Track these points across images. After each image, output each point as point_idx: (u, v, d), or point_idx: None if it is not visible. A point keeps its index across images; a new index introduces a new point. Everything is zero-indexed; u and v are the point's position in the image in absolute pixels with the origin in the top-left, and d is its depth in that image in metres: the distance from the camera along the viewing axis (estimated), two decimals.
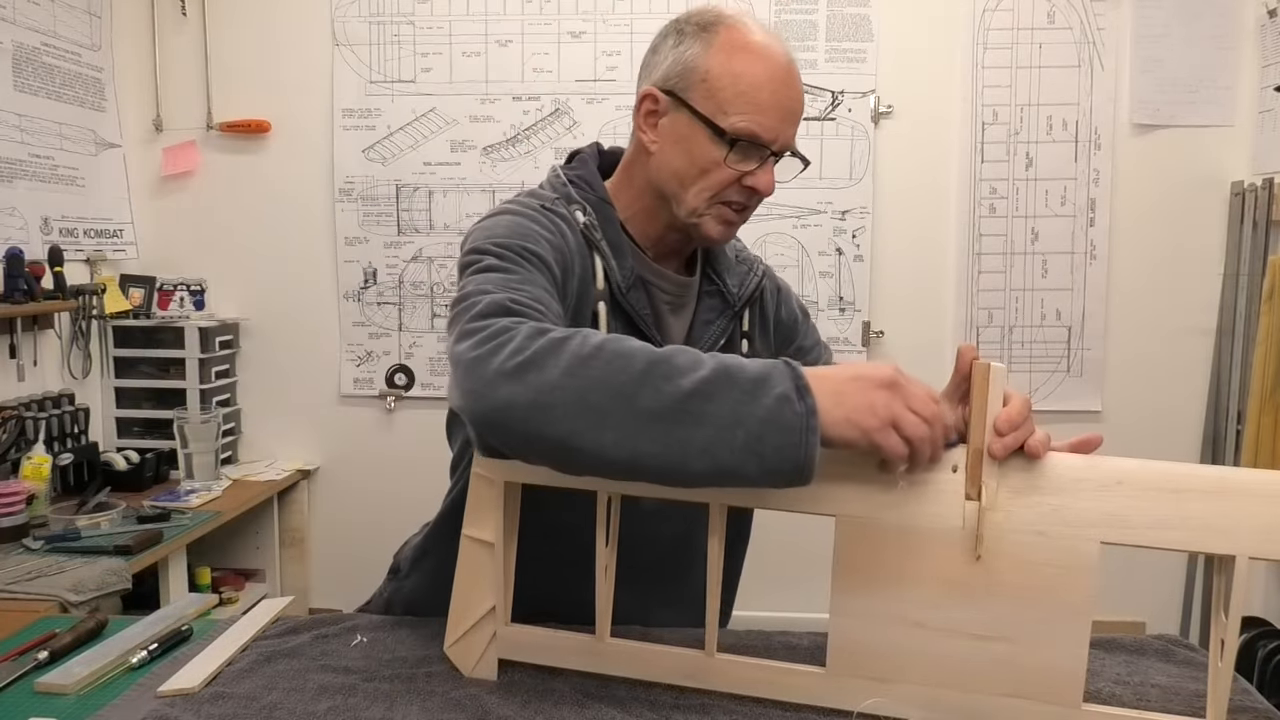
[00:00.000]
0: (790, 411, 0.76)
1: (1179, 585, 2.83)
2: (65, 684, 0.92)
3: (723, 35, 1.03)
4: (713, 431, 0.77)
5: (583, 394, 0.78)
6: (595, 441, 0.78)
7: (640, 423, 0.77)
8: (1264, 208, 2.57)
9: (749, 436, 0.76)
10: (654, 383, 0.78)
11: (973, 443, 0.82)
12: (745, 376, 0.78)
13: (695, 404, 0.77)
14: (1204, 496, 0.78)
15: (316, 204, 2.85)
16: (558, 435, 0.79)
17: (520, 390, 0.79)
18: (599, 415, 0.78)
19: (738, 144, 1.01)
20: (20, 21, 2.36)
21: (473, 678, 0.93)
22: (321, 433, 2.92)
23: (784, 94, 1.03)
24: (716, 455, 0.77)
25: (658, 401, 0.78)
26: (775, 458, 0.76)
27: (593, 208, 1.08)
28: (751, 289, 1.18)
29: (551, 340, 0.81)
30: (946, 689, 0.82)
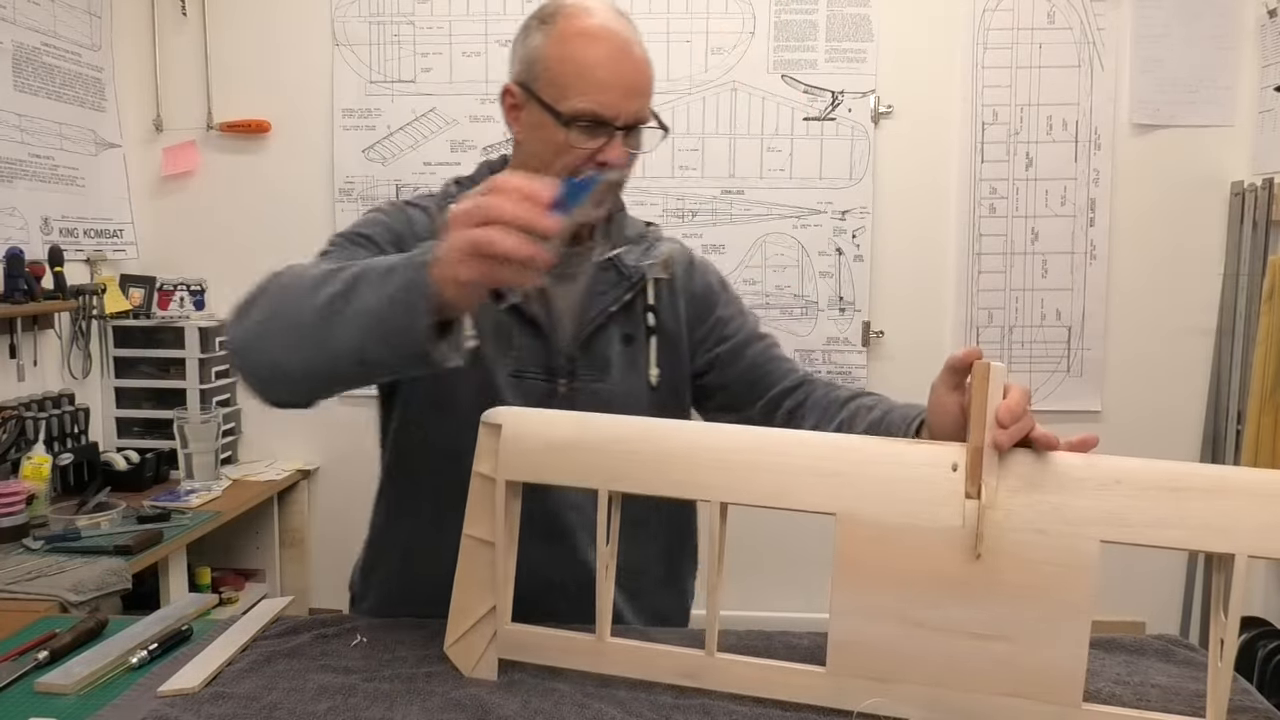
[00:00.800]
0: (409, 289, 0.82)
1: (1179, 585, 2.83)
2: (65, 684, 0.92)
3: (559, 25, 1.09)
4: (352, 325, 0.85)
5: (272, 321, 0.91)
6: (288, 361, 0.91)
7: (306, 335, 0.88)
8: (1264, 208, 2.57)
9: (376, 322, 0.84)
10: (311, 298, 0.88)
11: (972, 441, 0.82)
12: (376, 270, 0.86)
13: (338, 305, 0.86)
14: (1203, 495, 0.78)
15: (316, 204, 2.85)
16: (267, 361, 0.93)
17: (240, 329, 0.95)
18: (284, 338, 0.90)
19: (575, 124, 1.06)
20: (20, 21, 2.36)
21: (473, 678, 0.93)
22: (321, 433, 2.92)
23: (619, 70, 1.07)
24: (362, 347, 0.85)
25: (313, 313, 0.88)
26: (397, 338, 0.83)
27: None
28: (649, 263, 1.20)
29: (268, 280, 0.95)
30: (946, 688, 0.82)
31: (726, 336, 1.24)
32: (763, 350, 1.24)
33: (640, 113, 1.10)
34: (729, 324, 1.25)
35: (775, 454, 0.86)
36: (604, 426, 0.90)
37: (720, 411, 1.25)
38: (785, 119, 2.79)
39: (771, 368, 1.22)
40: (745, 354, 1.23)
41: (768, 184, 2.81)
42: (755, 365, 1.22)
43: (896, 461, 0.84)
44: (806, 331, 2.83)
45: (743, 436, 0.89)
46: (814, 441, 0.88)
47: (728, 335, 1.24)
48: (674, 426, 0.92)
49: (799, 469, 0.85)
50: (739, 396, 1.22)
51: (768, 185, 2.81)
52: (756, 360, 1.23)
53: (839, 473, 0.85)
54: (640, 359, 1.19)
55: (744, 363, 1.23)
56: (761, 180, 2.80)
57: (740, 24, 2.77)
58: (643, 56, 1.11)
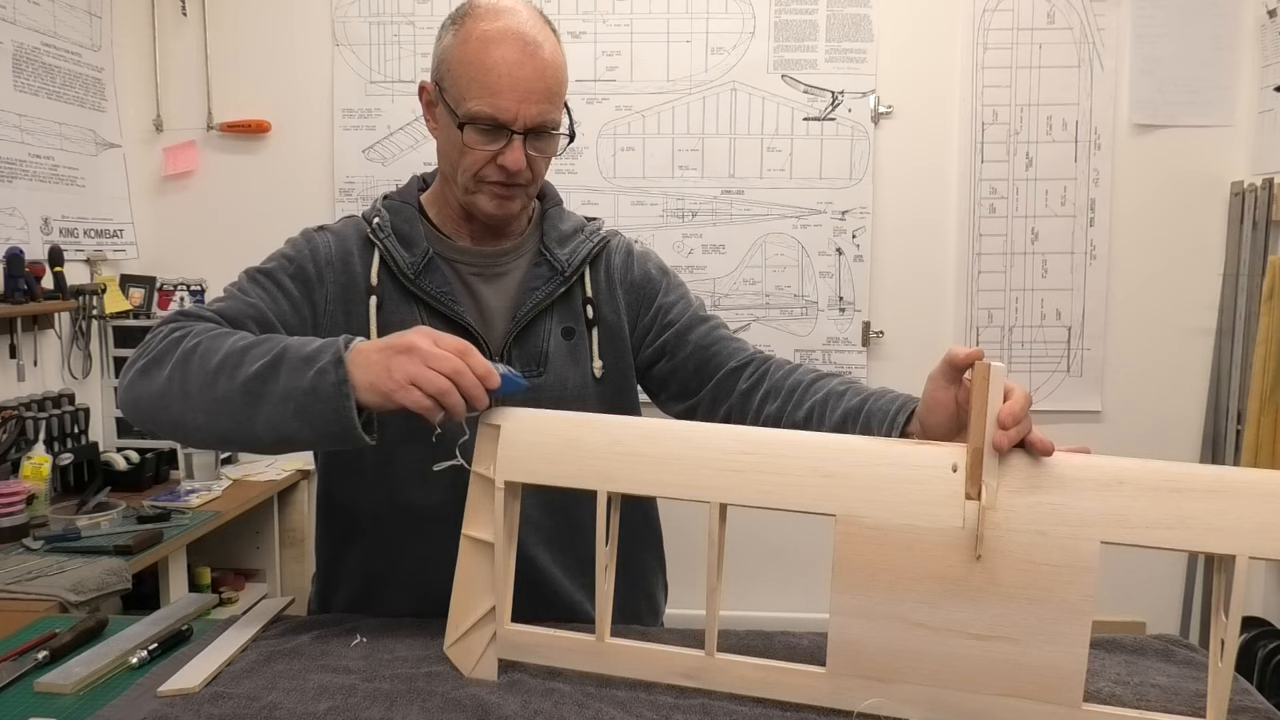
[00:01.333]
0: (327, 383, 0.91)
1: (1179, 585, 2.83)
2: (65, 684, 0.92)
3: (467, 25, 1.10)
4: (271, 407, 0.93)
5: (183, 385, 0.97)
6: (193, 423, 0.97)
7: (219, 406, 0.95)
8: (1264, 208, 2.57)
9: (298, 408, 0.92)
10: (228, 372, 0.96)
11: (972, 442, 0.82)
12: (297, 356, 0.94)
13: (257, 386, 0.94)
14: (1204, 496, 0.78)
15: (316, 204, 2.85)
16: (168, 420, 0.99)
17: (143, 386, 1.00)
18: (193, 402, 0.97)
19: (470, 126, 1.08)
20: (20, 21, 2.36)
21: (473, 678, 0.93)
22: None
23: (517, 74, 1.07)
24: (276, 427, 0.94)
25: (230, 388, 0.95)
26: (322, 422, 0.92)
27: (391, 211, 1.19)
28: (583, 255, 1.20)
29: (170, 340, 1.01)
30: (947, 689, 0.82)
31: (670, 323, 1.22)
32: (707, 332, 1.22)
33: (543, 116, 1.09)
34: (671, 310, 1.23)
35: (774, 455, 0.86)
36: (603, 428, 0.91)
37: (674, 401, 1.24)
38: (785, 119, 2.79)
39: (718, 348, 1.20)
40: (689, 338, 1.21)
41: (768, 184, 2.81)
42: (701, 347, 1.21)
43: (896, 462, 0.84)
44: (806, 331, 2.82)
45: (742, 437, 0.89)
46: (813, 442, 0.88)
47: (671, 321, 1.22)
48: (672, 427, 0.92)
49: (798, 470, 0.85)
50: (689, 382, 1.21)
51: (768, 185, 2.81)
52: (702, 342, 1.21)
53: (838, 473, 0.85)
54: (582, 352, 1.19)
55: (689, 346, 1.21)
56: (761, 180, 2.80)
57: (740, 24, 2.77)
58: (548, 60, 1.09)
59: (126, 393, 1.01)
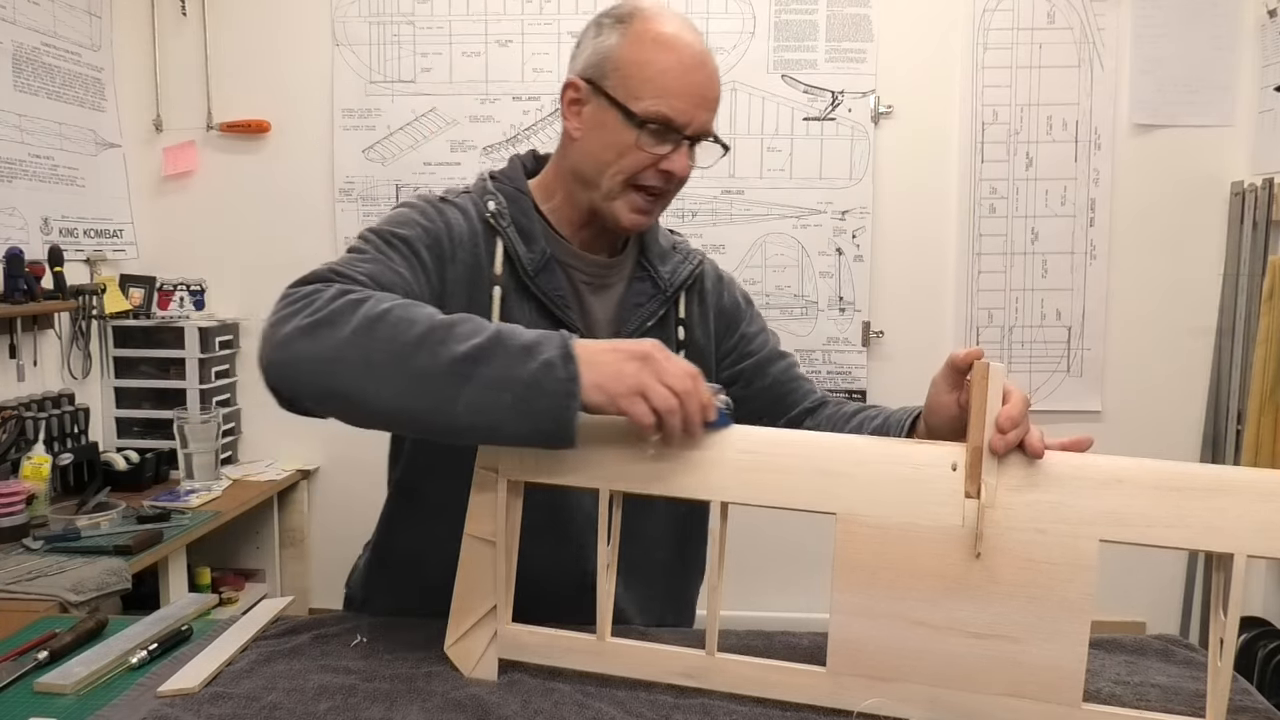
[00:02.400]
0: (552, 377, 0.83)
1: (1179, 585, 2.83)
2: (65, 684, 0.92)
3: (636, 26, 1.09)
4: (480, 391, 0.84)
5: (367, 352, 0.86)
6: (375, 396, 0.86)
7: (415, 381, 0.85)
8: (1264, 208, 2.57)
9: (515, 398, 0.84)
10: (431, 346, 0.86)
11: (972, 441, 0.82)
12: (517, 343, 0.86)
13: (467, 367, 0.85)
14: (1203, 495, 0.78)
15: (316, 204, 2.85)
16: (341, 389, 0.87)
17: (311, 346, 0.88)
18: (380, 373, 0.86)
19: (647, 127, 1.06)
20: (20, 21, 2.36)
21: (473, 678, 0.93)
22: (321, 433, 2.90)
23: (694, 80, 1.07)
24: (484, 412, 0.84)
25: (433, 363, 0.85)
26: (537, 419, 0.84)
27: (506, 197, 1.14)
28: (684, 276, 1.21)
29: (349, 301, 0.89)
30: (947, 688, 0.82)
31: (751, 353, 1.24)
32: (785, 369, 1.24)
33: (707, 125, 1.09)
34: (753, 340, 1.25)
35: (775, 454, 0.86)
36: (604, 427, 0.90)
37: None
38: (785, 119, 2.79)
39: (794, 387, 1.23)
40: (769, 371, 1.23)
41: (768, 184, 2.80)
42: (779, 383, 1.23)
43: (896, 461, 0.84)
44: (806, 331, 2.82)
45: (743, 437, 0.89)
46: (814, 441, 0.88)
47: (751, 351, 1.24)
48: None
49: (799, 469, 0.86)
50: (761, 413, 1.22)
51: (768, 185, 2.81)
52: (780, 378, 1.23)
53: (839, 472, 0.85)
54: None
55: (767, 380, 1.23)
56: (761, 180, 2.80)
57: (740, 24, 2.77)
58: (715, 70, 1.10)
59: (282, 350, 0.88)
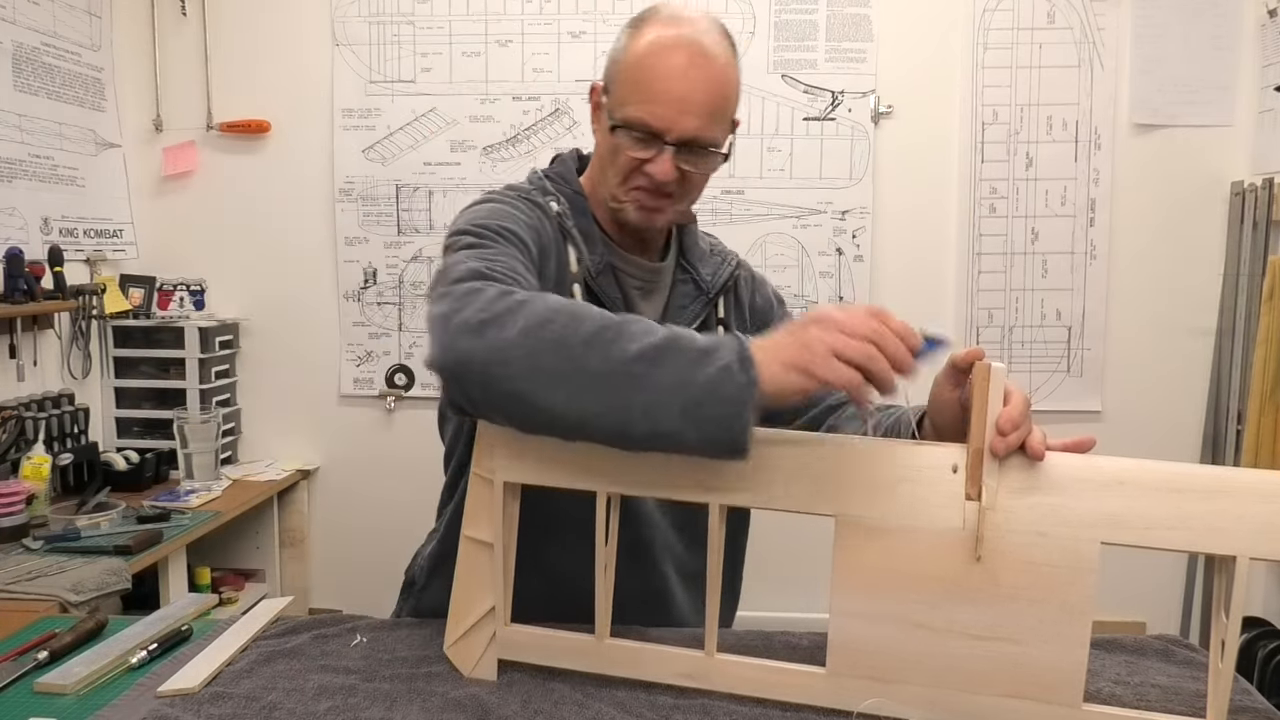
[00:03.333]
0: (731, 382, 0.79)
1: (1179, 585, 2.83)
2: (65, 684, 0.92)
3: (640, 31, 1.09)
4: (655, 395, 0.80)
5: (536, 353, 0.83)
6: (546, 399, 0.82)
7: (587, 383, 0.81)
8: (1264, 208, 2.57)
9: (689, 403, 0.79)
10: (603, 346, 0.82)
11: (973, 442, 0.82)
12: (693, 346, 0.82)
13: (641, 368, 0.81)
14: (1204, 497, 0.78)
15: (316, 204, 2.85)
16: (512, 390, 0.83)
17: (480, 345, 0.84)
18: (550, 374, 0.82)
19: (620, 130, 1.07)
20: (20, 21, 2.36)
21: (472, 678, 0.93)
22: (321, 433, 2.92)
23: (678, 84, 1.05)
24: (657, 419, 0.80)
25: (605, 364, 0.81)
26: (712, 426, 0.79)
27: (566, 199, 1.15)
28: (725, 277, 1.21)
29: (515, 300, 0.86)
30: (946, 689, 0.82)
31: None
32: None
33: (699, 131, 1.07)
34: None
35: (774, 455, 0.86)
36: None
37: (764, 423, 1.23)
38: (785, 119, 2.79)
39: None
40: None
41: (768, 184, 2.80)
42: None
43: (896, 463, 0.84)
44: None
45: None
46: (813, 443, 0.88)
47: None
48: None
49: (798, 470, 0.85)
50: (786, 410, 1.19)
51: (768, 185, 2.80)
52: None
53: (838, 474, 0.84)
54: None
55: None
56: (761, 180, 2.80)
57: (740, 24, 2.76)
58: (715, 75, 1.07)
59: (449, 352, 0.86)
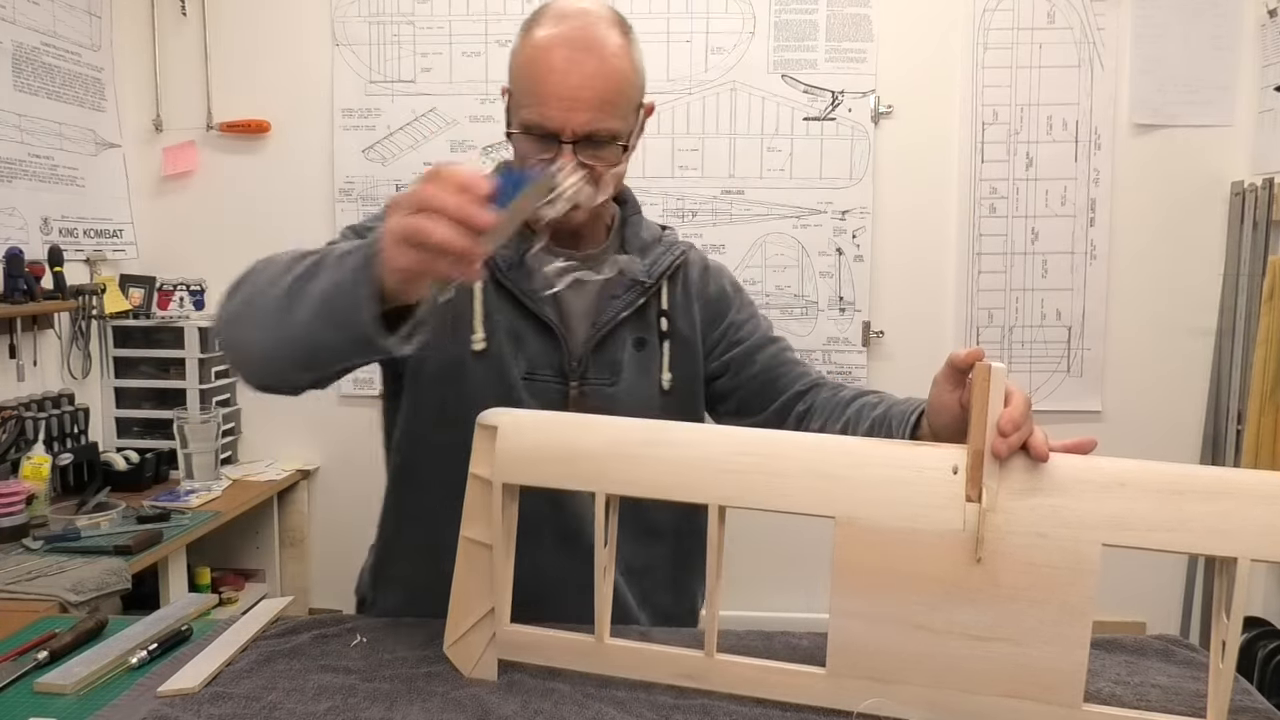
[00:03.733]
0: (348, 270, 0.82)
1: (1179, 585, 2.83)
2: (65, 684, 0.92)
3: (531, 31, 1.09)
4: (306, 311, 0.85)
5: (245, 303, 0.92)
6: (249, 342, 0.92)
7: (265, 317, 0.89)
8: (1264, 208, 2.57)
9: (327, 307, 0.83)
10: (284, 279, 0.88)
11: (973, 443, 0.82)
12: (338, 253, 0.85)
13: (297, 286, 0.86)
14: (1206, 498, 0.77)
15: (316, 204, 2.85)
16: (241, 342, 0.94)
17: (221, 313, 0.98)
18: (249, 319, 0.91)
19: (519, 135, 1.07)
20: (20, 21, 2.36)
21: (473, 678, 0.93)
22: (321, 433, 2.92)
23: (565, 82, 1.05)
24: (311, 333, 0.85)
25: (281, 293, 0.87)
26: (345, 320, 0.82)
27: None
28: (664, 267, 1.21)
29: (253, 266, 0.97)
30: (946, 689, 0.82)
31: (739, 340, 1.24)
32: (775, 354, 1.24)
33: (593, 125, 1.06)
34: (742, 328, 1.25)
35: (774, 456, 0.86)
36: (601, 428, 0.90)
37: (732, 416, 1.25)
38: (785, 119, 2.79)
39: (784, 371, 1.22)
40: (757, 358, 1.23)
41: (768, 184, 2.80)
42: (768, 369, 1.22)
43: (896, 464, 0.84)
44: (806, 331, 2.82)
45: (741, 439, 0.89)
46: (812, 444, 0.88)
47: (740, 339, 1.24)
48: (671, 429, 0.92)
49: (797, 471, 0.85)
50: (751, 401, 1.22)
51: (768, 185, 2.80)
52: (769, 364, 1.22)
53: (838, 475, 0.84)
54: (652, 363, 1.19)
55: (756, 366, 1.22)
56: (761, 180, 2.80)
57: (740, 24, 2.77)
58: (602, 67, 1.06)
59: (213, 325, 1.00)
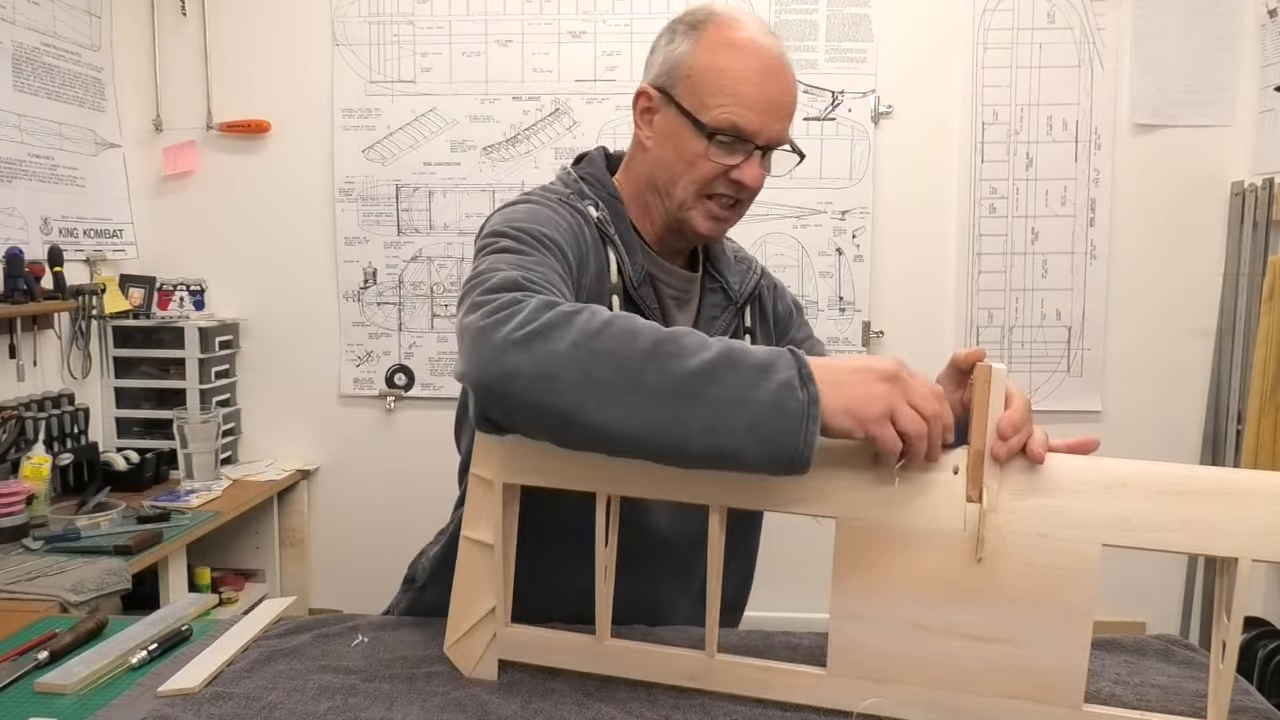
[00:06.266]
0: (793, 398, 0.77)
1: (1179, 585, 2.83)
2: (65, 684, 0.92)
3: (710, 32, 1.06)
4: (715, 412, 0.77)
5: (588, 367, 0.79)
6: (598, 415, 0.79)
7: (643, 399, 0.78)
8: (1264, 208, 2.57)
9: (751, 420, 0.77)
10: (660, 361, 0.79)
11: (974, 445, 0.82)
12: (751, 361, 0.79)
13: (699, 384, 0.78)
14: (1206, 499, 0.77)
15: (316, 204, 2.85)
16: (561, 406, 0.79)
17: (526, 360, 0.80)
18: (603, 389, 0.78)
19: (717, 137, 1.04)
20: (20, 21, 2.36)
21: (473, 678, 0.92)
22: (321, 433, 2.92)
23: (767, 88, 1.05)
24: (717, 436, 0.77)
25: (662, 379, 0.78)
26: (775, 443, 0.77)
27: (604, 204, 1.11)
28: (751, 286, 1.21)
29: (560, 313, 0.82)
30: (947, 690, 0.82)
31: None
32: None
33: (781, 134, 1.07)
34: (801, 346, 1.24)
35: None
36: None
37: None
38: None
39: None
40: None
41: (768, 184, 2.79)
42: None
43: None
44: None
45: None
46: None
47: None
48: None
49: None
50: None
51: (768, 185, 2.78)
52: None
53: (839, 476, 0.84)
54: None
55: None
56: None
57: None
58: (791, 77, 1.07)
59: (492, 365, 0.81)
